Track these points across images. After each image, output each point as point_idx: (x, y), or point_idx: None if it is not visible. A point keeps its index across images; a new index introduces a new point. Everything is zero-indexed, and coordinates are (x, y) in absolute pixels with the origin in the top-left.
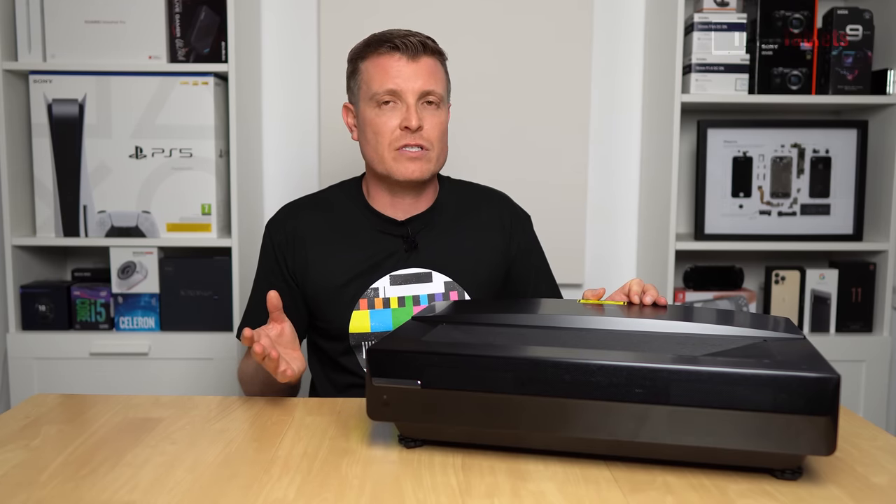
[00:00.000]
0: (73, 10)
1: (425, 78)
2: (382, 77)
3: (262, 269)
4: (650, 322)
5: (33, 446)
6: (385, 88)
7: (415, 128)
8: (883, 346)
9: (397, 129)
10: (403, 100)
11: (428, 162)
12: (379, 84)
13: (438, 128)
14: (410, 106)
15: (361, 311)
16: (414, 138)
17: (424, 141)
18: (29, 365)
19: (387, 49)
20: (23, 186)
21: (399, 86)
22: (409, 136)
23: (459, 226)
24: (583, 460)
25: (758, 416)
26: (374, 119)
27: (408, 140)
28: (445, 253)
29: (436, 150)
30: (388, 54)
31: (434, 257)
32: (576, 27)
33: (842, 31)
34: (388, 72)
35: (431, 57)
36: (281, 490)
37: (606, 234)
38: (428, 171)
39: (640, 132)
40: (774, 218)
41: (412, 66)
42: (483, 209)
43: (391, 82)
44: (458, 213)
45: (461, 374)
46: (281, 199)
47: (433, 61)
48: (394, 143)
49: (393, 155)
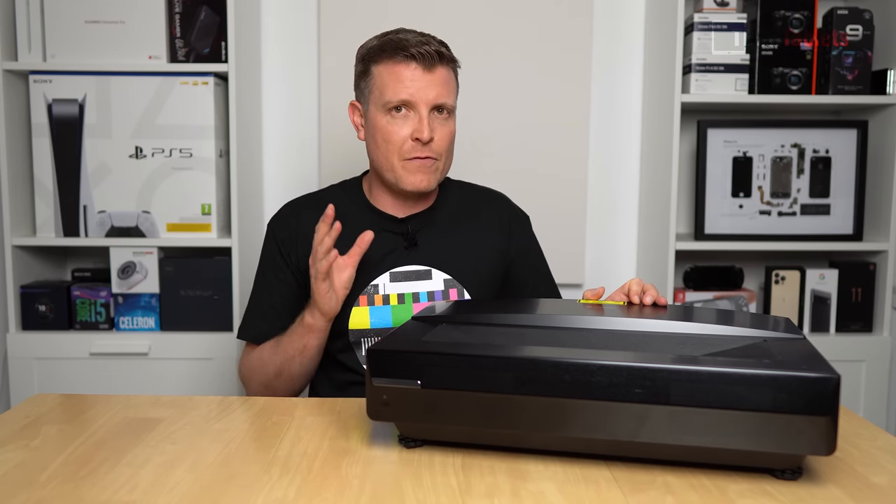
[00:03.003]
0: (73, 10)
1: (439, 89)
2: (396, 85)
3: (267, 265)
4: (650, 322)
5: (33, 446)
6: (399, 98)
7: (427, 140)
8: (883, 346)
9: (408, 139)
10: (416, 110)
11: (436, 172)
12: (392, 92)
13: (448, 138)
14: (423, 118)
15: (361, 308)
16: (425, 150)
17: (434, 152)
18: (29, 365)
19: (402, 57)
20: (23, 186)
21: (413, 96)
22: (420, 147)
23: (459, 225)
24: (583, 460)
25: (758, 416)
26: (385, 126)
27: (418, 152)
28: (445, 251)
29: (444, 159)
30: (404, 63)
31: (434, 255)
32: (576, 27)
33: (842, 31)
34: (402, 81)
35: (446, 67)
36: (281, 490)
37: (606, 234)
38: (435, 180)
39: (640, 132)
40: (774, 218)
41: (427, 76)
42: (482, 209)
43: (405, 92)
44: (458, 212)
45: (461, 374)
46: (281, 199)
47: (447, 71)
48: (405, 153)
49: (402, 164)
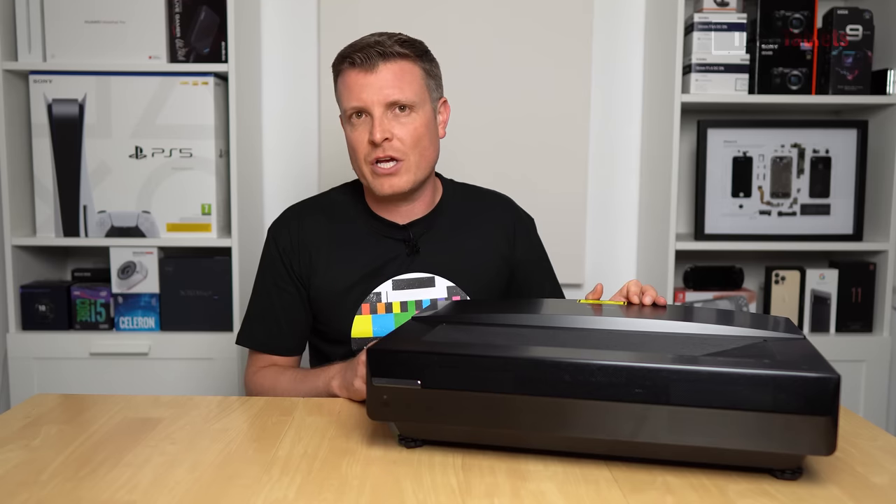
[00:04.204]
0: (73, 10)
1: (387, 89)
2: (348, 94)
3: (267, 273)
4: (650, 322)
5: (33, 446)
6: (350, 106)
7: (379, 141)
8: (883, 346)
9: (367, 143)
10: (370, 113)
11: (405, 173)
12: (346, 101)
13: (411, 135)
14: (375, 119)
15: (364, 316)
16: (383, 151)
17: (395, 152)
18: (29, 365)
19: (347, 65)
20: (23, 186)
21: (361, 100)
22: (378, 149)
23: (462, 230)
24: (583, 460)
25: (758, 416)
26: (349, 135)
27: (377, 154)
28: (448, 257)
29: (412, 157)
30: (349, 70)
31: (436, 262)
32: (576, 27)
33: (842, 31)
34: (351, 88)
35: (394, 62)
36: (281, 490)
37: (606, 234)
38: (407, 181)
39: (640, 132)
40: (774, 218)
41: (370, 77)
42: (487, 213)
43: (355, 99)
44: (462, 216)
45: (461, 374)
46: (281, 198)
47: (397, 66)
48: (367, 157)
49: (369, 170)
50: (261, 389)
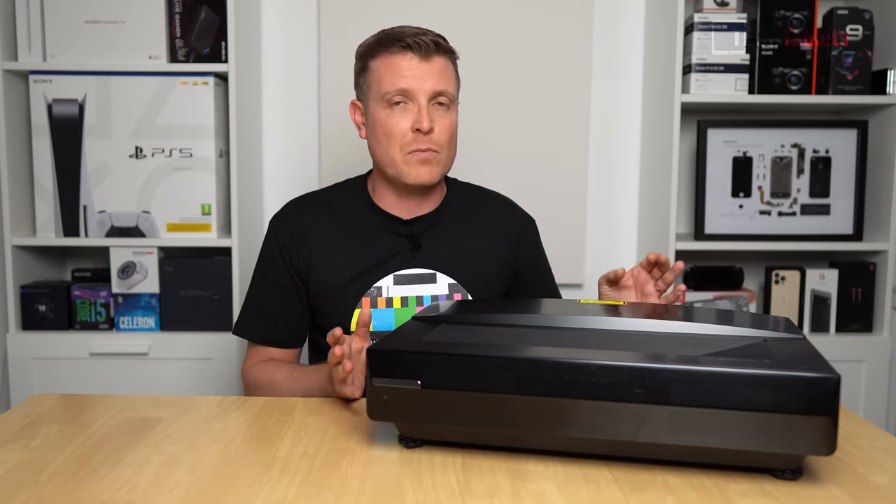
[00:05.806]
0: (73, 10)
1: (437, 78)
2: (394, 77)
3: (266, 265)
4: (650, 322)
5: (33, 446)
6: (396, 88)
7: (426, 130)
8: (883, 346)
9: (409, 131)
10: (415, 100)
11: (438, 164)
12: (390, 84)
13: (449, 130)
14: (422, 107)
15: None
16: (425, 142)
17: (435, 144)
18: (29, 365)
19: (399, 48)
20: (23, 186)
21: (411, 86)
22: (421, 139)
23: (465, 228)
24: (583, 460)
25: (758, 416)
26: (384, 120)
27: (419, 144)
28: (450, 254)
29: (445, 152)
30: (401, 53)
31: (439, 258)
32: (576, 27)
33: (842, 31)
34: (399, 71)
35: (443, 56)
36: (281, 490)
37: (607, 233)
38: (438, 173)
39: (640, 132)
40: (774, 218)
41: (424, 65)
42: (490, 214)
43: (403, 82)
44: (465, 215)
45: (461, 374)
46: (281, 199)
47: (445, 61)
48: (406, 146)
49: (404, 158)
50: (257, 383)
